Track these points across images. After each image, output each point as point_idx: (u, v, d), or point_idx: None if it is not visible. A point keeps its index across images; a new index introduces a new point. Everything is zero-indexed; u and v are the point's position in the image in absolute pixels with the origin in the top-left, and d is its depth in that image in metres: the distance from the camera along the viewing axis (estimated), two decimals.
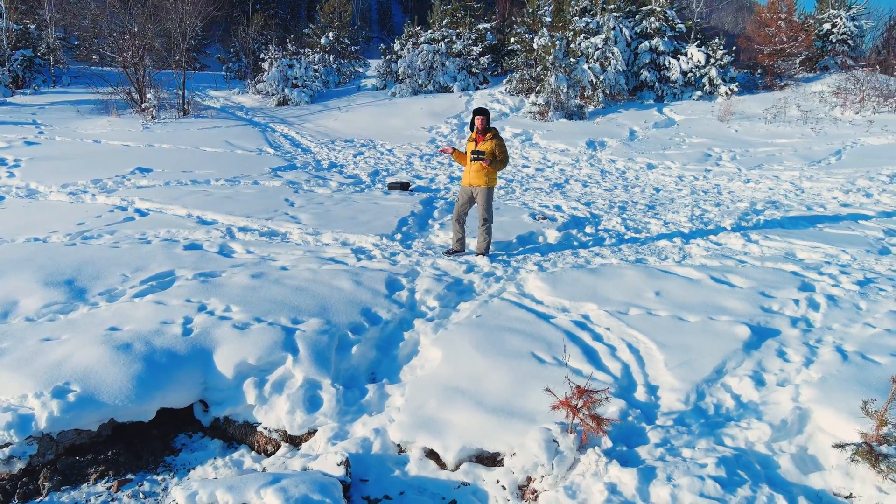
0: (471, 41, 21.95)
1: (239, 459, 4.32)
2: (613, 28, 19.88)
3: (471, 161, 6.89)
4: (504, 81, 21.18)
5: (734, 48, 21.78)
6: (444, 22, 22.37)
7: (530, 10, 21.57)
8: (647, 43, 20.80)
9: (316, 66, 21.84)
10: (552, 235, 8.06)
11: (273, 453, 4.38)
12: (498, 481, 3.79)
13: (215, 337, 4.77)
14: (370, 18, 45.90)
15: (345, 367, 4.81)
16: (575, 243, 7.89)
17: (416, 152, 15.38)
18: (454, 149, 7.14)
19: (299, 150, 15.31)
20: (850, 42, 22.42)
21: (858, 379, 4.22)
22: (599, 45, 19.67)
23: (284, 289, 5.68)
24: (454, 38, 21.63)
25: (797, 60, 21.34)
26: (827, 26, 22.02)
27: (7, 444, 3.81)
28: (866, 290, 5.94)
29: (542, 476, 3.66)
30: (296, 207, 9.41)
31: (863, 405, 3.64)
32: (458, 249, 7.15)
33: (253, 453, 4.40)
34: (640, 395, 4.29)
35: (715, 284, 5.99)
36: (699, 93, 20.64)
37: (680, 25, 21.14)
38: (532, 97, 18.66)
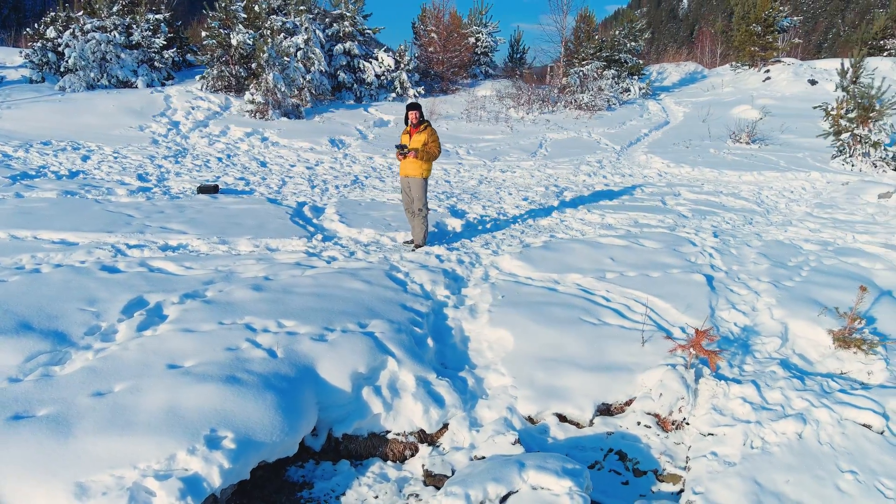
0: (149, 32, 20.09)
1: (382, 473, 4.12)
2: (310, 29, 20.40)
3: (399, 154, 7.15)
4: (198, 78, 19.90)
5: (416, 55, 24.51)
6: (114, 9, 19.99)
7: (223, 5, 20.68)
8: (341, 46, 21.89)
9: None
10: (458, 224, 8.65)
11: (409, 458, 4.26)
12: (639, 423, 4.44)
13: (305, 352, 4.34)
14: None
15: (427, 360, 4.83)
16: (479, 228, 8.62)
17: (154, 155, 13.58)
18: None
19: None
20: (490, 54, 27.39)
21: (796, 297, 5.92)
22: (301, 46, 19.97)
23: (306, 297, 5.26)
24: (124, 27, 19.43)
25: (453, 68, 24.92)
26: (472, 39, 26.39)
27: None
28: (723, 240, 7.99)
29: (680, 408, 4.43)
30: (142, 219, 8.15)
31: (836, 310, 5.27)
32: None
33: (389, 463, 4.22)
34: (679, 334, 5.32)
35: (640, 247, 7.39)
36: (393, 94, 22.39)
37: (368, 31, 22.86)
38: (248, 95, 18.02)
